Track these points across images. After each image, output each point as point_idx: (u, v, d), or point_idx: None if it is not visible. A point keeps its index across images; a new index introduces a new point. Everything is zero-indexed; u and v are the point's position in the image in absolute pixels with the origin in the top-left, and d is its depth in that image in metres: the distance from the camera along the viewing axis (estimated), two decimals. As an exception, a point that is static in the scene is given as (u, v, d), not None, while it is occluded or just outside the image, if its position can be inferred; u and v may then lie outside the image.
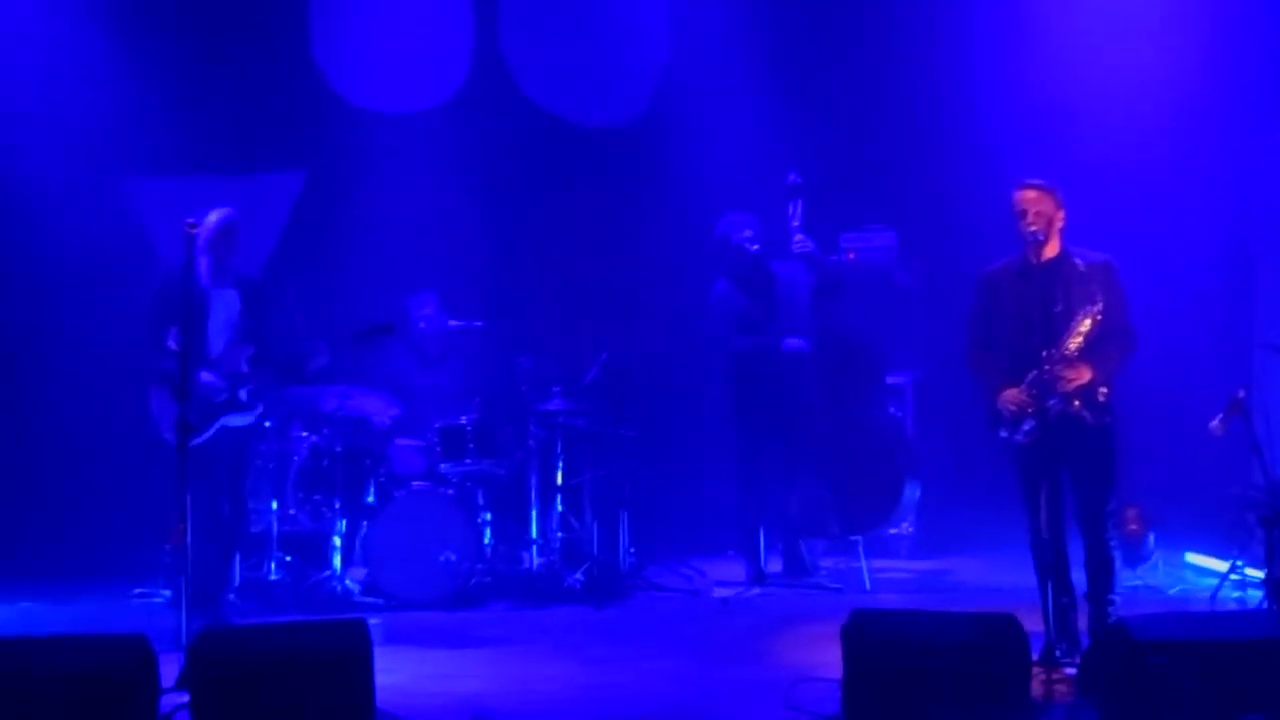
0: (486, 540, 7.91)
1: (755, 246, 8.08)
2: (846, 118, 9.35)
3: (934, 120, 9.18)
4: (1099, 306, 5.78)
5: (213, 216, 6.94)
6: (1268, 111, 8.74)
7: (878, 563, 8.32)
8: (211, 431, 6.80)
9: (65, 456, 8.82)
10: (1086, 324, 5.80)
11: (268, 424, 7.82)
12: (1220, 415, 6.80)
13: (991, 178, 7.45)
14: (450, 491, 7.82)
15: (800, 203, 7.99)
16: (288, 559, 7.88)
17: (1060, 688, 5.25)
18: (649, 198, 9.39)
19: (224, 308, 6.96)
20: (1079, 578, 6.01)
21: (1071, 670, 5.43)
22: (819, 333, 8.05)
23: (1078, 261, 5.87)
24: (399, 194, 9.21)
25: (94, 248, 8.87)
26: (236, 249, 6.99)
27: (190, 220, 6.26)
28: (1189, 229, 8.81)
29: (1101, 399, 5.84)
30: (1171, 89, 8.68)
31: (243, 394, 6.92)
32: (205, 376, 6.80)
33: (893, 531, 8.83)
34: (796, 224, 7.99)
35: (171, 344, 6.61)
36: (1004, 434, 5.93)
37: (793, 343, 8.01)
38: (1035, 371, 5.80)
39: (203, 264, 6.84)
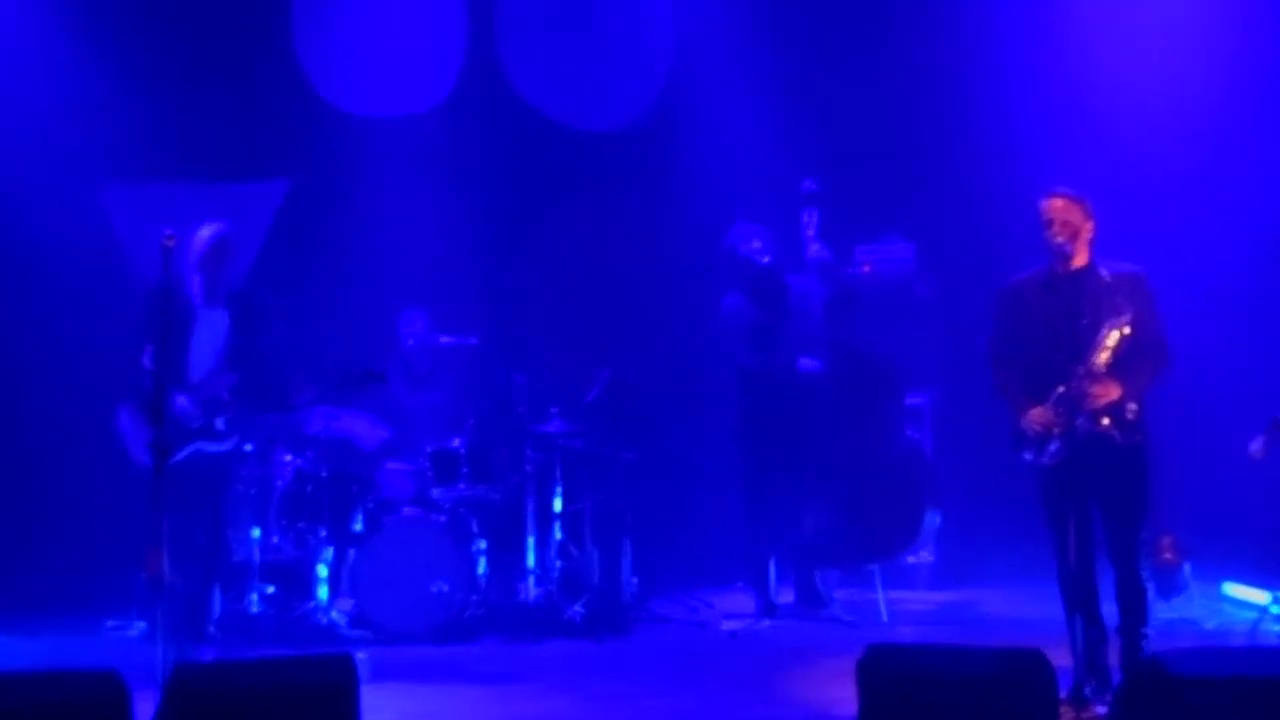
0: (480, 570, 7.90)
1: (766, 258, 8.08)
2: (861, 123, 9.36)
3: (956, 125, 9.19)
4: (1126, 318, 5.77)
5: (205, 231, 6.89)
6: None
7: (895, 594, 8.30)
8: (182, 455, 6.74)
9: (34, 479, 8.80)
10: (1114, 337, 5.78)
11: (249, 448, 7.83)
12: (1260, 437, 6.79)
13: (1016, 186, 7.47)
14: (442, 518, 7.80)
15: (817, 211, 8.00)
16: (270, 589, 7.87)
17: (1090, 727, 5.23)
18: (652, 206, 9.40)
19: (210, 329, 6.91)
20: (1110, 610, 6.00)
21: (1102, 709, 5.42)
22: (833, 348, 8.06)
23: (1104, 273, 5.86)
24: (388, 203, 9.22)
25: (66, 259, 8.87)
26: (229, 266, 6.95)
27: (169, 232, 6.19)
28: (1227, 240, 8.81)
29: (1131, 417, 5.82)
30: (1206, 95, 8.69)
31: (219, 422, 6.85)
32: (180, 401, 6.76)
33: (911, 560, 8.82)
34: (812, 233, 8.00)
35: (146, 362, 6.61)
36: (1029, 456, 5.92)
37: (807, 363, 8.02)
38: (1061, 389, 5.79)
39: (195, 282, 6.83)
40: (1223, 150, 8.80)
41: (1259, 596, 7.56)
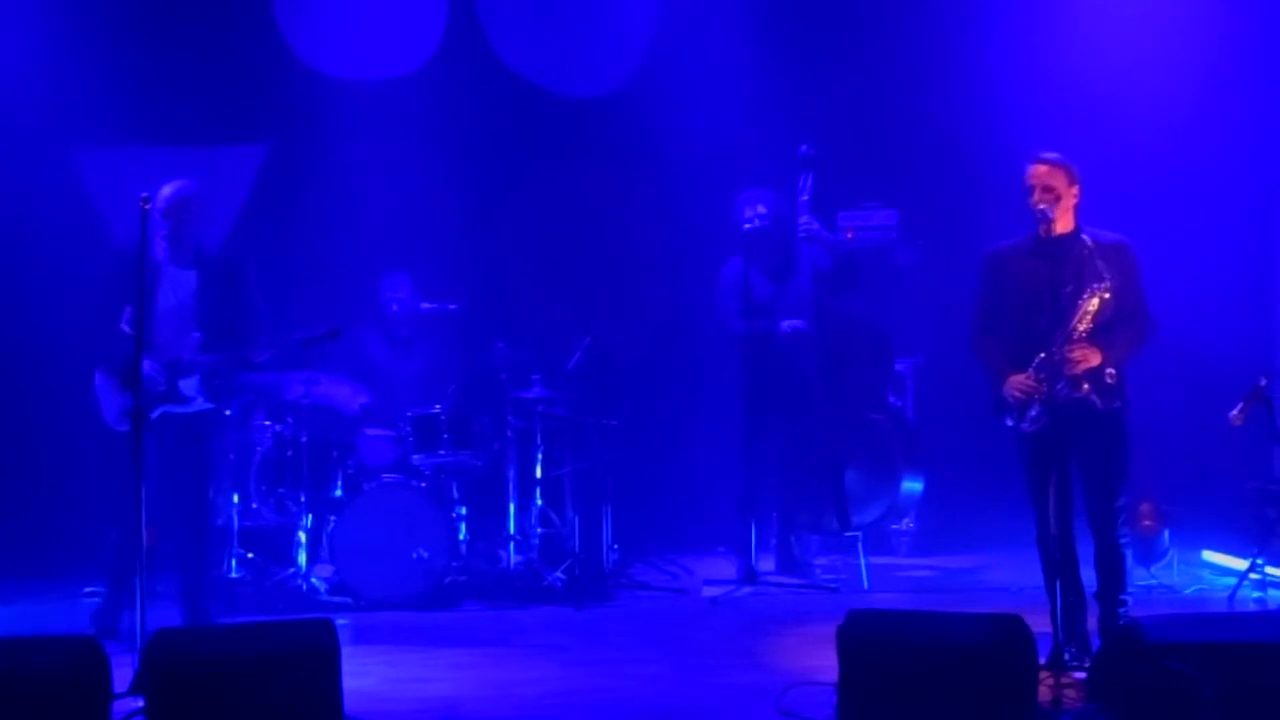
0: (461, 536, 7.91)
1: (749, 224, 8.05)
2: (844, 89, 9.34)
3: (941, 91, 9.18)
4: (1106, 284, 5.78)
5: (167, 189, 6.82)
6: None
7: (876, 560, 8.35)
8: (152, 418, 6.66)
9: (9, 445, 8.77)
10: (1094, 303, 5.80)
11: (228, 412, 7.81)
12: (1240, 404, 6.83)
13: (1001, 152, 7.47)
14: (423, 484, 7.81)
15: (810, 177, 7.99)
16: (250, 556, 7.88)
17: (1069, 693, 5.27)
18: (637, 173, 9.37)
19: (174, 290, 6.82)
20: (1089, 576, 6.04)
21: (1081, 674, 5.45)
22: (823, 317, 8.06)
23: (1087, 239, 5.87)
24: (368, 167, 9.17)
25: (39, 223, 8.82)
26: (195, 224, 6.87)
27: (144, 195, 6.13)
28: (1209, 211, 8.85)
29: (1110, 381, 5.84)
30: (1193, 67, 8.70)
31: (184, 386, 6.76)
32: (146, 365, 6.71)
33: (893, 527, 8.86)
34: (806, 199, 7.99)
35: (125, 326, 6.58)
36: (1010, 422, 5.94)
37: (790, 323, 8.02)
38: (1043, 355, 5.81)
39: (158, 240, 6.77)
40: (1211, 125, 8.81)
41: (1237, 563, 7.62)
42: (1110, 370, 5.83)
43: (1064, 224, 5.95)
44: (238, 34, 9.07)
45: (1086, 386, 5.81)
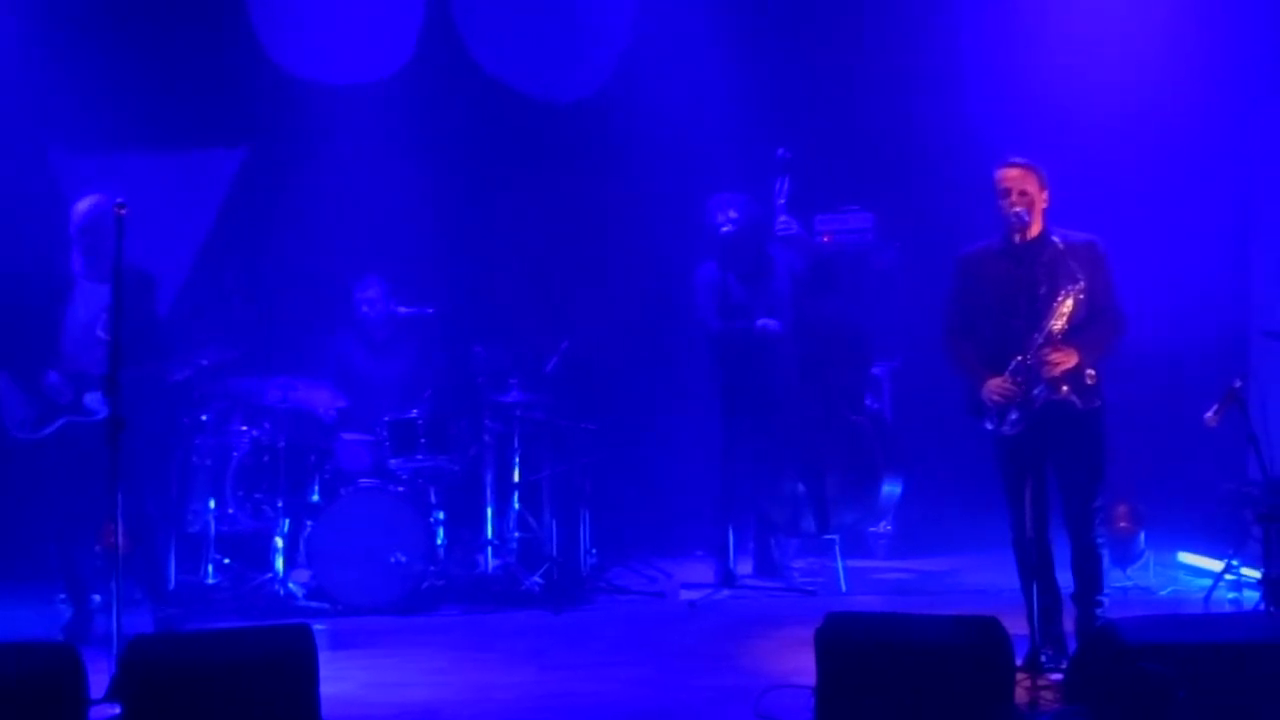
0: (439, 541, 7.90)
1: (725, 228, 8.06)
2: (820, 93, 9.36)
3: (915, 96, 9.19)
4: (1080, 285, 5.82)
5: (83, 204, 6.89)
6: (1268, 97, 8.82)
7: (854, 563, 8.37)
8: (51, 429, 6.75)
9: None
10: (1068, 304, 5.84)
11: (204, 418, 7.80)
12: (1215, 406, 6.86)
13: (973, 157, 7.48)
14: (400, 489, 7.80)
15: (787, 180, 8.00)
16: (226, 561, 7.86)
17: (1046, 694, 5.29)
18: (613, 176, 9.37)
19: (86, 303, 6.84)
20: (1065, 578, 6.07)
21: (1057, 676, 5.49)
22: (801, 320, 8.06)
23: (1057, 240, 5.91)
24: (345, 171, 9.14)
25: (14, 226, 8.76)
26: (109, 239, 6.79)
27: (119, 200, 6.14)
28: (1185, 213, 8.88)
29: (1090, 382, 5.87)
30: (1166, 70, 8.73)
31: (89, 400, 6.75)
32: (51, 376, 6.76)
33: (871, 530, 8.88)
34: (782, 201, 8.01)
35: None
36: (989, 425, 5.97)
37: (764, 323, 8.03)
38: (1019, 358, 5.84)
39: (74, 254, 6.82)
40: (1184, 127, 8.85)
41: (1213, 564, 7.65)
42: (1090, 371, 5.87)
43: (1035, 227, 5.98)
44: (214, 38, 9.02)
45: (1065, 388, 5.84)
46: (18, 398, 6.81)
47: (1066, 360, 5.83)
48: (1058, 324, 5.83)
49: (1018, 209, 5.93)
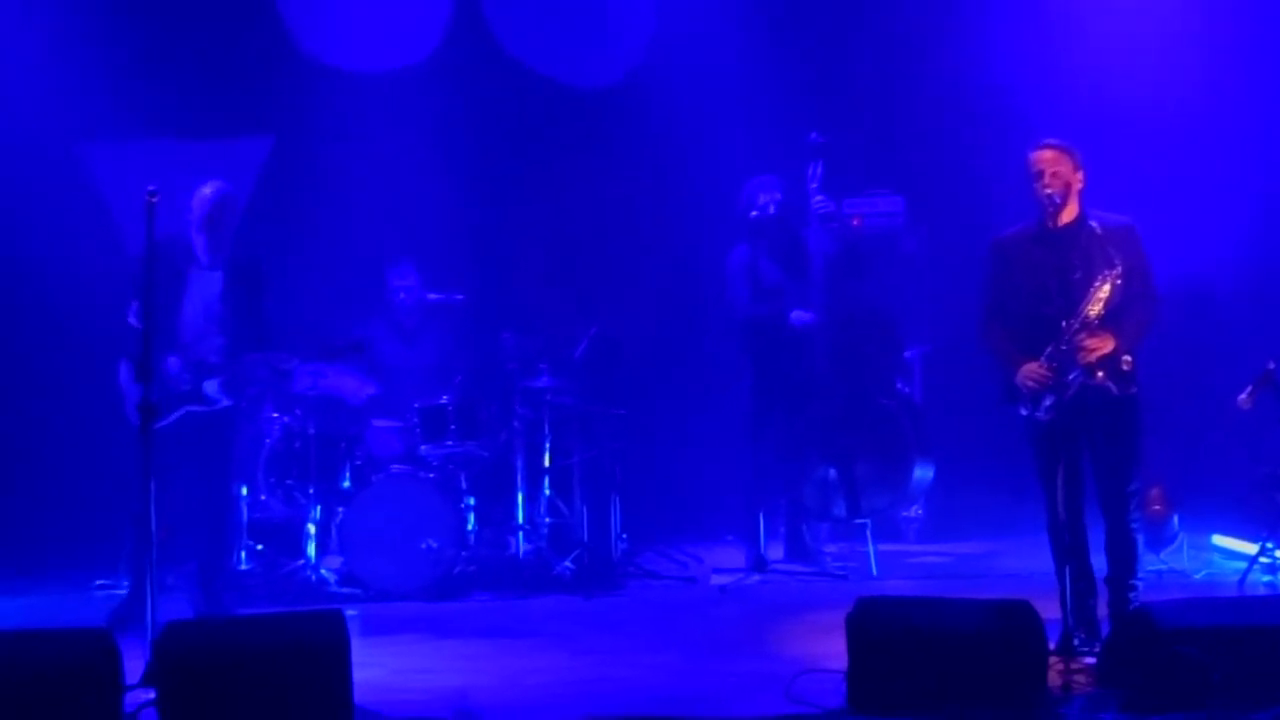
0: (470, 526, 7.92)
1: (757, 211, 8.05)
2: (851, 76, 9.33)
3: (948, 78, 9.16)
4: (1118, 270, 5.78)
5: (207, 190, 6.84)
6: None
7: (885, 547, 8.35)
8: (173, 418, 6.71)
9: (20, 441, 8.79)
10: (1106, 289, 5.79)
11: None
12: (1249, 388, 6.82)
13: (1007, 138, 7.46)
14: (431, 475, 7.82)
15: (820, 164, 7.97)
16: (259, 548, 7.89)
17: (1079, 678, 5.26)
18: (643, 162, 9.38)
19: (204, 291, 6.86)
20: (1099, 562, 6.03)
21: (1091, 659, 5.45)
22: (833, 304, 8.04)
23: (1095, 225, 5.87)
24: (373, 159, 9.17)
25: (47, 217, 8.83)
26: (230, 226, 6.89)
27: (152, 188, 6.16)
28: (1219, 196, 8.82)
29: (1126, 368, 5.84)
30: (1202, 47, 8.67)
31: (208, 387, 6.78)
32: (171, 362, 6.75)
33: (902, 514, 8.86)
34: (815, 185, 7.99)
35: (131, 319, 6.60)
36: (1024, 411, 5.93)
37: (800, 316, 8.01)
38: (1054, 343, 5.81)
39: (199, 242, 6.81)
40: (1219, 107, 8.79)
41: (1247, 547, 7.61)
42: (1127, 357, 5.83)
43: (1070, 210, 5.94)
44: (242, 26, 9.07)
45: (1101, 374, 5.81)
46: (134, 386, 6.77)
47: (1103, 346, 5.79)
48: (1094, 309, 5.80)
49: (1050, 191, 5.89)
